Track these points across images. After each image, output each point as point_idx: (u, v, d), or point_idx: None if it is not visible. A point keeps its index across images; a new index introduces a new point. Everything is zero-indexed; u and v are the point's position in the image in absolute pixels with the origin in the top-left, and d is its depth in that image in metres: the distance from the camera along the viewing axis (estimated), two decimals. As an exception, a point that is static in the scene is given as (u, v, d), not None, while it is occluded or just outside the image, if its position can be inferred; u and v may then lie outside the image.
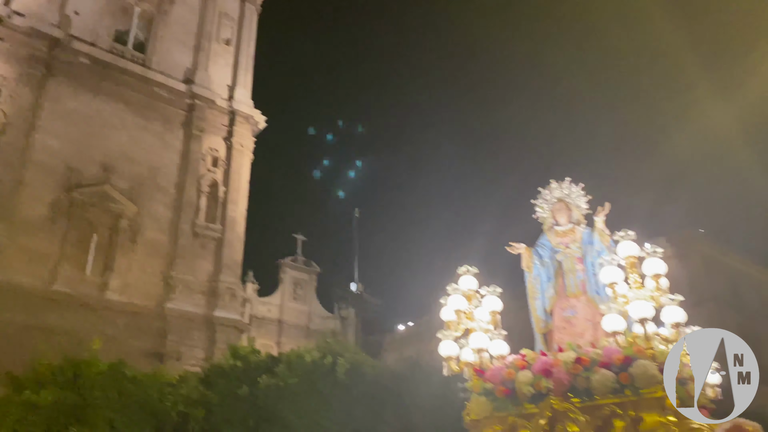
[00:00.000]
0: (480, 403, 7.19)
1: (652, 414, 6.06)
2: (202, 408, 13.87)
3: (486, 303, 7.80)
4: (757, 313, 32.12)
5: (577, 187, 8.48)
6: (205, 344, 23.72)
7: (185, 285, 24.28)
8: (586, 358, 6.58)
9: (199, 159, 26.49)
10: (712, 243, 32.59)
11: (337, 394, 13.87)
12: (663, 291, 6.65)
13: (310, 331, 34.47)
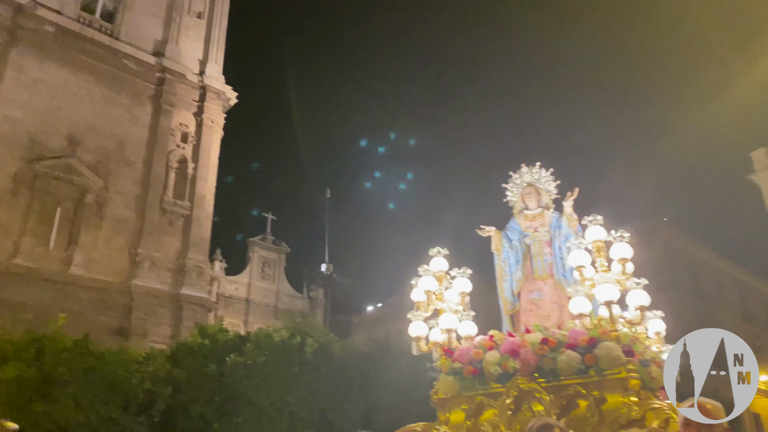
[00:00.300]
0: (448, 382, 7.27)
1: (615, 394, 6.18)
2: (168, 386, 13.81)
3: (456, 284, 7.86)
4: (714, 299, 33.09)
5: (546, 172, 8.56)
6: (172, 322, 23.48)
7: (152, 262, 23.95)
8: (553, 339, 6.69)
9: (168, 134, 25.99)
10: (674, 231, 33.36)
11: (305, 374, 13.95)
12: (628, 275, 6.77)
13: (278, 310, 34.39)
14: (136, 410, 13.50)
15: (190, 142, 26.57)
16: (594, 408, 6.16)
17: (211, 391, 13.62)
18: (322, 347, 14.30)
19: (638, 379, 6.34)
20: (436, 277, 7.89)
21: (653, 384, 6.75)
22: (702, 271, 33.78)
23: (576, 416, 6.26)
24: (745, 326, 34.85)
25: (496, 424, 6.66)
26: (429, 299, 7.76)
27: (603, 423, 6.08)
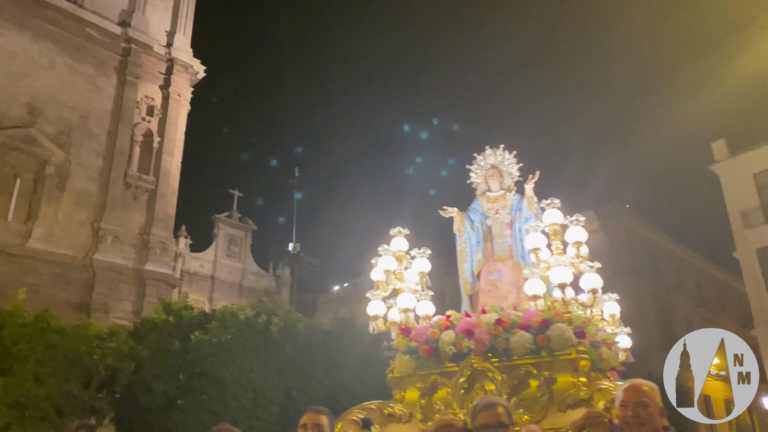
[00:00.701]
0: (404, 361, 7.30)
1: (565, 375, 6.26)
2: (131, 362, 13.73)
3: (415, 264, 7.87)
4: (670, 284, 33.97)
5: (510, 154, 8.56)
6: (135, 298, 23.28)
7: (115, 237, 23.64)
8: (507, 320, 6.76)
9: (133, 107, 25.53)
10: (635, 217, 34.03)
11: (271, 352, 14.00)
12: (583, 258, 6.86)
13: (244, 288, 34.23)
14: (98, 386, 13.44)
15: (156, 116, 26.15)
16: (544, 388, 6.25)
17: (175, 368, 13.60)
18: (287, 326, 14.36)
19: (588, 360, 6.45)
20: (396, 257, 7.87)
21: (603, 365, 6.89)
22: (660, 257, 34.60)
23: (527, 396, 6.36)
24: (700, 311, 35.91)
25: (449, 402, 6.73)
26: (388, 279, 7.76)
27: (552, 402, 6.18)
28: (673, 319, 32.86)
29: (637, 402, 3.15)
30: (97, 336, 13.72)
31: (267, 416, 13.32)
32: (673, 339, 24.49)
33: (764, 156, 27.91)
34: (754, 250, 26.75)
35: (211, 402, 13.16)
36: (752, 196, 27.77)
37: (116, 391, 13.52)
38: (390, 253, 7.84)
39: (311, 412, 3.86)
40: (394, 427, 6.94)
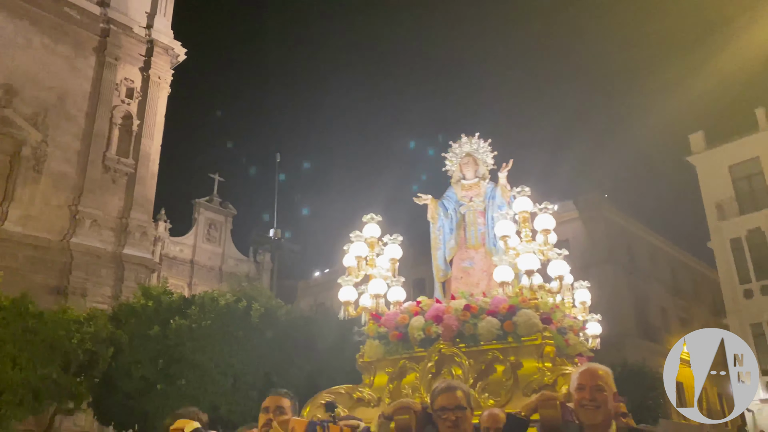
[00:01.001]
0: (373, 346, 7.34)
1: (531, 360, 6.34)
2: (110, 347, 13.69)
3: (387, 251, 7.91)
4: (647, 274, 34.41)
5: (485, 143, 8.58)
6: (113, 282, 23.13)
7: (93, 220, 23.42)
8: (475, 306, 6.82)
9: (112, 89, 25.21)
10: (614, 208, 34.35)
11: (251, 338, 14.03)
12: (550, 246, 6.92)
13: (224, 273, 34.08)
14: (76, 371, 13.40)
15: (136, 98, 25.86)
16: (510, 372, 6.31)
17: (154, 352, 13.59)
18: (268, 312, 14.38)
19: (553, 346, 6.53)
20: (368, 243, 7.87)
21: (570, 351, 6.99)
22: (637, 247, 35.00)
23: (493, 380, 6.44)
24: (675, 300, 36.46)
25: (416, 386, 6.79)
26: (360, 265, 7.79)
27: (517, 387, 6.25)
28: (648, 307, 33.33)
29: (592, 386, 3.18)
30: (76, 320, 13.64)
31: (246, 401, 13.35)
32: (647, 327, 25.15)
33: (740, 149, 28.31)
34: (727, 241, 27.16)
35: (191, 387, 13.19)
36: (727, 188, 28.19)
37: (95, 376, 13.50)
38: (362, 239, 7.85)
39: (273, 394, 3.85)
40: (363, 411, 6.97)
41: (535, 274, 6.79)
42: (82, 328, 13.47)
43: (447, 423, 3.33)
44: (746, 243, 26.58)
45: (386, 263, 7.87)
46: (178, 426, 3.83)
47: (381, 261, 7.91)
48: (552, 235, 7.06)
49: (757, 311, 25.79)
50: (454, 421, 3.33)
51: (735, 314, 26.82)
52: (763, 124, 28.05)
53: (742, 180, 28.16)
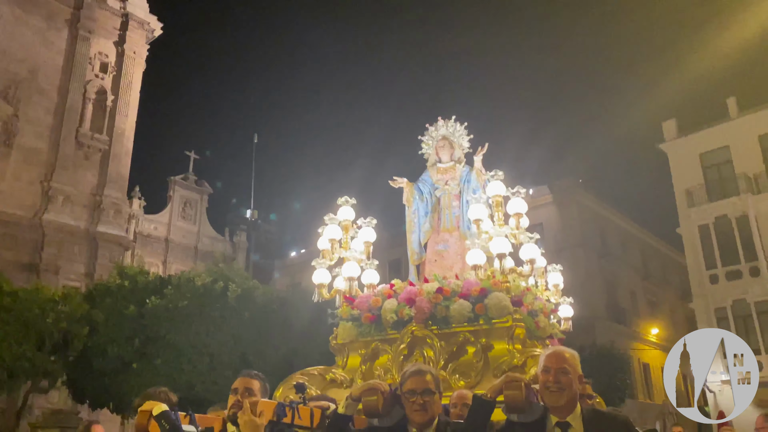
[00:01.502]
0: (347, 328, 7.36)
1: (501, 342, 6.42)
2: (85, 325, 13.61)
3: (361, 234, 7.92)
4: (617, 258, 34.97)
5: (461, 126, 8.55)
6: (86, 259, 22.82)
7: (66, 197, 23.02)
8: (447, 288, 6.87)
9: (86, 63, 24.64)
10: (587, 192, 34.76)
11: (228, 319, 14.04)
12: (522, 230, 7.01)
13: (199, 252, 33.78)
14: (51, 349, 13.33)
15: (110, 73, 25.32)
16: (480, 354, 6.38)
17: (130, 332, 13.56)
18: (244, 292, 14.37)
19: (524, 328, 6.63)
20: (343, 226, 7.84)
21: (540, 333, 7.11)
22: (609, 231, 35.51)
23: (464, 362, 6.51)
24: (644, 284, 37.14)
25: (388, 368, 6.85)
26: (333, 248, 7.80)
27: (487, 368, 6.33)
28: (618, 290, 33.90)
29: (558, 368, 3.23)
30: (51, 299, 13.53)
31: (223, 380, 13.36)
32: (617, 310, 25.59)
33: (710, 137, 28.72)
34: (696, 227, 27.65)
35: (167, 366, 13.20)
36: (697, 175, 28.64)
37: (69, 355, 13.43)
38: (336, 222, 7.85)
39: (243, 376, 3.84)
40: (336, 392, 6.99)
41: (507, 257, 6.90)
42: (57, 307, 13.36)
43: (415, 406, 3.38)
44: (713, 230, 27.10)
45: (360, 246, 7.91)
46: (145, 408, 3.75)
47: (355, 244, 7.94)
48: (524, 219, 7.17)
49: (721, 296, 26.40)
50: (422, 404, 3.37)
51: (701, 298, 27.44)
52: (733, 114, 28.49)
53: (712, 168, 28.63)
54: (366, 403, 3.52)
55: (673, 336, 36.73)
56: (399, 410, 3.53)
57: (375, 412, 3.52)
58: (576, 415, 3.21)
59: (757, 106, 27.80)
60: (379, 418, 3.56)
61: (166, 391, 4.27)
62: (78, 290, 15.03)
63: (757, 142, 27.43)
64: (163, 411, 3.66)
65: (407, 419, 3.47)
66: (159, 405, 3.73)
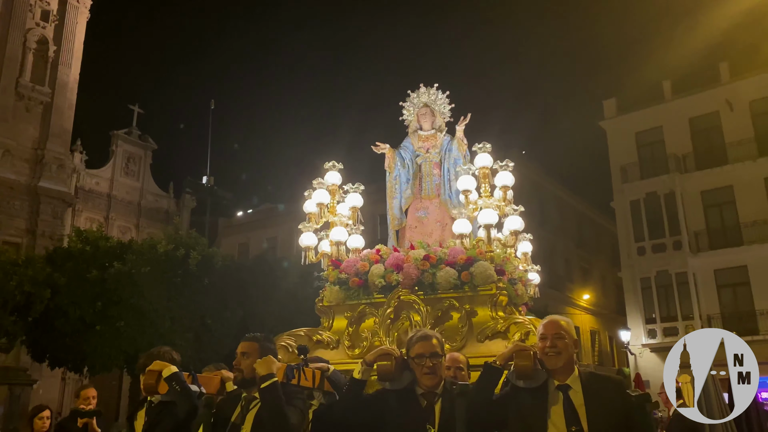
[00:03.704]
0: (333, 291, 7.45)
1: (485, 308, 6.69)
2: (47, 288, 13.49)
3: (348, 199, 8.02)
4: (556, 227, 36.42)
5: (443, 94, 8.64)
6: (28, 215, 21.97)
7: (6, 150, 21.99)
8: (434, 256, 7.09)
9: (26, 10, 23.27)
10: (530, 164, 35.85)
11: (188, 284, 14.29)
12: (508, 201, 7.31)
13: (143, 209, 32.95)
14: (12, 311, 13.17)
15: (52, 22, 24.00)
16: (465, 319, 6.60)
17: (92, 295, 13.64)
18: (205, 259, 14.62)
19: (506, 296, 6.97)
20: (330, 191, 7.87)
21: (518, 300, 7.48)
22: (548, 202, 36.82)
23: (448, 327, 6.75)
24: (579, 251, 38.86)
25: (375, 331, 7.01)
26: (321, 212, 7.88)
27: (471, 333, 6.59)
28: (554, 258, 35.37)
29: (554, 334, 3.52)
30: (13, 263, 13.30)
31: (183, 342, 13.71)
32: (553, 276, 26.89)
33: (646, 117, 30.20)
34: (628, 202, 29.20)
35: (129, 328, 13.35)
36: (632, 153, 30.15)
37: (30, 316, 13.26)
38: (324, 187, 7.91)
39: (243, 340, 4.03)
40: (322, 352, 7.19)
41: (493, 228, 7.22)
42: (21, 270, 13.16)
43: (424, 369, 3.63)
44: (643, 205, 28.68)
45: (346, 211, 8.04)
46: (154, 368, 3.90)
47: (341, 208, 8.04)
48: (510, 191, 7.47)
49: (647, 267, 28.12)
50: (431, 367, 3.64)
51: (628, 269, 29.17)
52: (668, 96, 29.95)
53: (646, 147, 30.14)
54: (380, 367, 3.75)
55: (602, 302, 38.80)
56: (408, 374, 3.79)
57: (389, 376, 3.76)
58: (575, 377, 3.51)
59: (689, 89, 29.28)
60: (391, 381, 3.79)
61: (170, 351, 4.42)
62: (41, 256, 14.77)
63: (688, 124, 28.98)
64: (174, 372, 3.84)
65: (415, 382, 3.73)
66: (168, 366, 3.90)
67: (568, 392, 3.44)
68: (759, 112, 27.54)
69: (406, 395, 3.76)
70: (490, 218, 7.00)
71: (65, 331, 13.78)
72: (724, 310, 26.79)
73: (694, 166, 28.50)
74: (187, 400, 3.80)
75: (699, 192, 28.11)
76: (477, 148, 7.47)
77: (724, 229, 27.57)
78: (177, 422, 3.90)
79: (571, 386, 3.46)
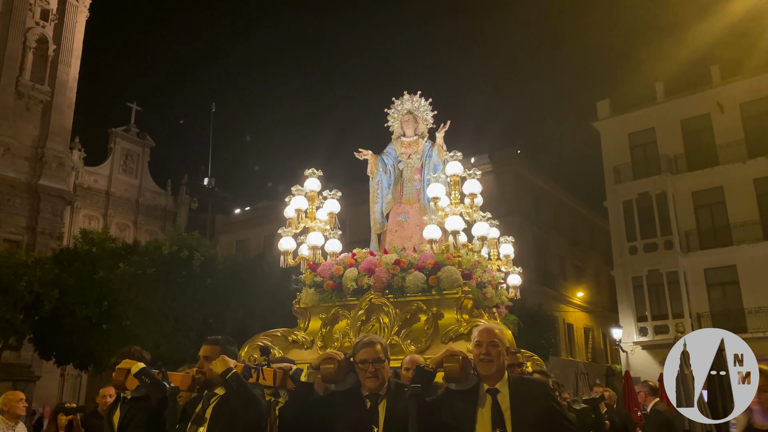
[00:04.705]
0: (309, 293, 7.70)
1: (451, 311, 6.95)
2: (55, 288, 13.94)
3: (326, 205, 8.33)
4: (549, 225, 36.71)
5: (426, 102, 8.88)
6: (28, 213, 22.29)
7: (6, 148, 22.30)
8: (404, 260, 7.38)
9: (25, 9, 23.52)
10: (524, 163, 36.16)
11: (192, 284, 14.67)
12: (476, 208, 7.63)
13: (141, 205, 33.28)
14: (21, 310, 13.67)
15: (51, 21, 24.26)
16: (431, 322, 6.87)
17: (99, 295, 14.11)
18: (207, 260, 15.02)
19: (472, 299, 7.27)
20: (309, 197, 8.09)
21: (487, 303, 7.73)
22: (543, 200, 37.11)
23: (415, 329, 7.01)
24: (572, 249, 39.13)
25: (347, 332, 7.24)
26: (299, 217, 8.20)
27: (437, 335, 6.82)
28: (548, 256, 35.67)
29: (489, 342, 3.69)
30: (24, 264, 13.77)
31: (186, 341, 14.14)
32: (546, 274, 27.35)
33: (639, 119, 30.49)
34: (620, 202, 29.50)
35: (135, 327, 13.80)
36: (625, 154, 30.46)
37: (39, 315, 13.77)
38: (303, 193, 8.19)
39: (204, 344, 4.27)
40: (297, 352, 7.42)
41: (461, 233, 7.55)
42: (30, 271, 13.67)
43: (367, 374, 3.83)
44: (636, 205, 29.00)
45: (324, 216, 8.37)
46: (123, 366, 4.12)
47: (320, 214, 8.38)
48: (478, 198, 7.80)
49: (638, 266, 28.46)
50: (374, 371, 3.83)
51: (621, 267, 29.49)
52: (660, 98, 30.23)
53: (638, 147, 30.44)
54: (324, 370, 3.94)
55: (596, 299, 39.10)
56: (353, 376, 3.99)
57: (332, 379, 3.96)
58: (504, 381, 3.72)
59: (681, 92, 29.55)
60: (336, 383, 4.01)
61: (140, 350, 4.67)
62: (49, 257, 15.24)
63: (680, 126, 29.26)
64: (142, 368, 4.10)
65: (359, 384, 3.94)
66: (137, 363, 4.16)
67: (496, 396, 3.66)
68: (749, 114, 27.82)
69: (352, 396, 3.98)
70: (456, 224, 7.30)
71: (72, 329, 14.41)
72: (714, 309, 27.11)
73: (686, 167, 28.79)
74: (158, 390, 4.05)
75: (690, 193, 28.41)
76: (448, 156, 7.74)
77: (714, 230, 27.88)
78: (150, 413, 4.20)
79: (500, 390, 3.67)
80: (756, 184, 27.01)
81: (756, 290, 25.82)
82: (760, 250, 26.02)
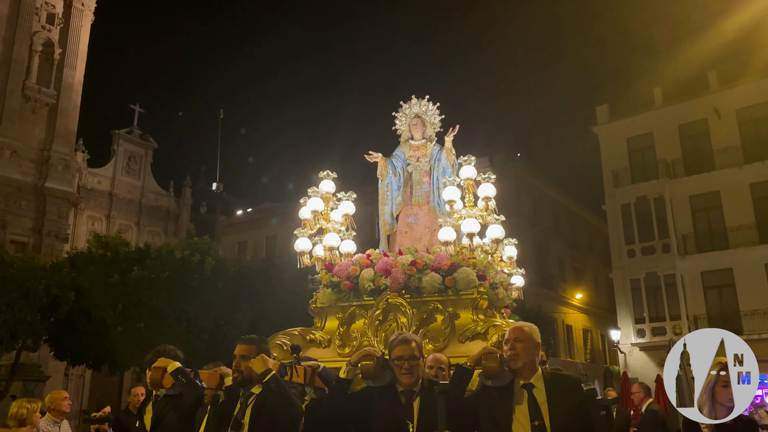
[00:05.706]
0: (326, 293, 7.77)
1: (467, 312, 7.08)
2: (72, 291, 14.28)
3: (341, 206, 8.49)
4: (549, 228, 36.97)
5: (434, 105, 9.01)
6: (34, 214, 22.39)
7: (13, 151, 22.39)
8: (421, 261, 7.53)
9: (32, 13, 23.62)
10: (524, 166, 36.43)
11: (204, 287, 14.99)
12: (490, 211, 7.81)
13: (144, 207, 33.36)
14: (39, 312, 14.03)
15: (57, 25, 24.37)
16: (448, 322, 7.00)
17: (114, 298, 14.42)
18: (218, 264, 15.38)
19: (486, 300, 7.41)
20: (324, 198, 8.18)
21: (499, 303, 7.90)
22: (542, 203, 37.39)
23: (432, 328, 7.12)
24: (572, 251, 39.38)
25: (364, 331, 7.35)
26: (315, 218, 8.35)
27: (453, 335, 6.94)
28: (547, 258, 35.93)
29: (514, 338, 3.90)
30: (42, 268, 14.14)
31: (198, 343, 14.49)
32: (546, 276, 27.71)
33: (637, 124, 30.81)
34: (619, 206, 29.79)
35: (148, 329, 14.08)
36: (623, 158, 30.78)
37: (55, 317, 14.11)
38: (318, 195, 8.32)
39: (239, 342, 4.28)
40: (315, 351, 7.53)
41: (476, 236, 7.73)
42: (48, 275, 14.07)
43: (403, 370, 4.00)
44: (634, 209, 29.29)
45: (339, 218, 8.53)
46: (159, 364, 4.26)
47: (335, 215, 8.53)
48: (492, 201, 7.98)
49: (637, 268, 28.73)
50: (409, 368, 4.00)
51: (619, 270, 29.77)
52: (658, 103, 30.55)
53: (637, 152, 30.75)
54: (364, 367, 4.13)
55: (595, 300, 39.33)
56: (389, 373, 4.18)
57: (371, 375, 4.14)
58: (538, 376, 3.89)
59: (679, 97, 29.85)
60: (374, 379, 4.19)
61: (175, 349, 4.77)
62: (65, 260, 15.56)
63: (677, 131, 29.58)
64: (178, 367, 4.27)
65: (395, 380, 4.12)
66: (173, 362, 4.32)
67: (532, 390, 3.82)
68: (745, 120, 28.15)
69: (388, 392, 4.14)
70: (472, 227, 7.48)
71: (87, 331, 14.82)
72: (710, 311, 27.38)
73: (683, 172, 29.09)
74: (193, 390, 4.21)
75: (687, 197, 28.71)
76: (462, 161, 7.88)
77: (711, 233, 28.17)
78: (183, 412, 4.30)
79: (535, 385, 3.83)
80: (752, 188, 27.33)
81: (752, 293, 26.12)
82: (755, 253, 26.33)
